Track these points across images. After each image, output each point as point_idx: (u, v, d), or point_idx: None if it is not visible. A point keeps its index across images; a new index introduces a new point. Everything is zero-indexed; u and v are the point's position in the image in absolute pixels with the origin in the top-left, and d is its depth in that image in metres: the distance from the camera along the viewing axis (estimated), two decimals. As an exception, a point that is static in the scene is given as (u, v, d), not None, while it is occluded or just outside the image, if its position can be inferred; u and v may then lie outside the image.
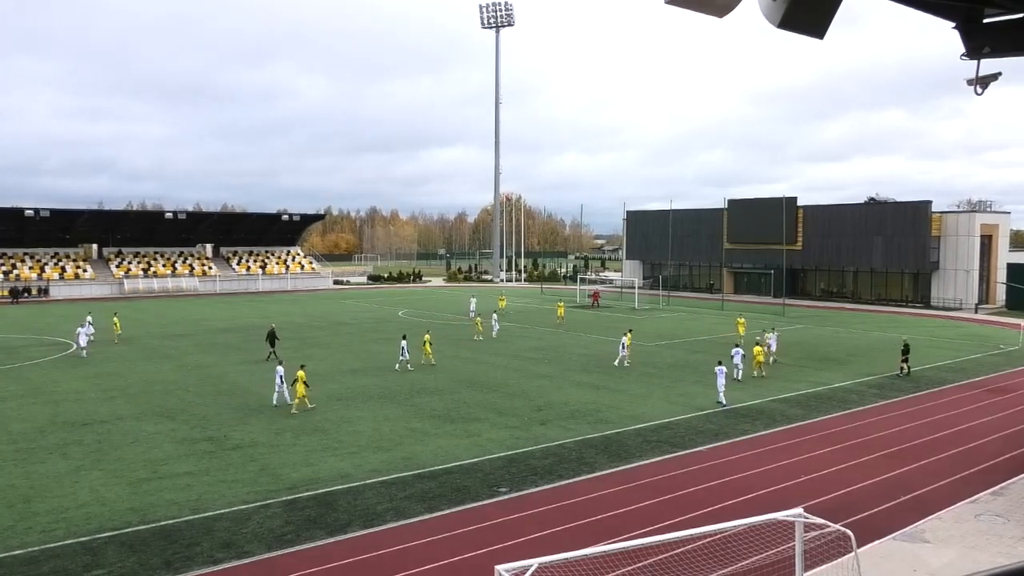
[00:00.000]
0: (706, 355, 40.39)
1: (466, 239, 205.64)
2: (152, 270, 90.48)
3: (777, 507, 15.15)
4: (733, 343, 37.95)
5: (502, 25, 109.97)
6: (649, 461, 21.44)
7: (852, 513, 17.03)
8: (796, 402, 29.19)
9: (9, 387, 31.64)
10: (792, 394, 30.60)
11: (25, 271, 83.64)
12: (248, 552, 15.25)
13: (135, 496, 18.44)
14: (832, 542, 13.32)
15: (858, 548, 12.65)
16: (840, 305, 72.43)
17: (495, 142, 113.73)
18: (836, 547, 13.34)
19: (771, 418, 26.56)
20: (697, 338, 47.64)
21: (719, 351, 41.71)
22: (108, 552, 15.24)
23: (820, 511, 14.52)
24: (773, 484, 19.47)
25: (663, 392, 30.80)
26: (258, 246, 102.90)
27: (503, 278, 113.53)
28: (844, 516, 16.06)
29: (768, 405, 28.59)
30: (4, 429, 24.73)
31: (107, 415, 26.67)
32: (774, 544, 13.63)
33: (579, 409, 27.59)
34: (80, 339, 40.78)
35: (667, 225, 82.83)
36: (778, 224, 75.58)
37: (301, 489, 18.92)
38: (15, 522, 16.78)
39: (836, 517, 14.67)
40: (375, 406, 28.02)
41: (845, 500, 18.23)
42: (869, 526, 16.31)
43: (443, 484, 19.35)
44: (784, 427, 25.39)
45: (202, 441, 23.34)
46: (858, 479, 19.89)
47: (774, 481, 19.71)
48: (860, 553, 13.01)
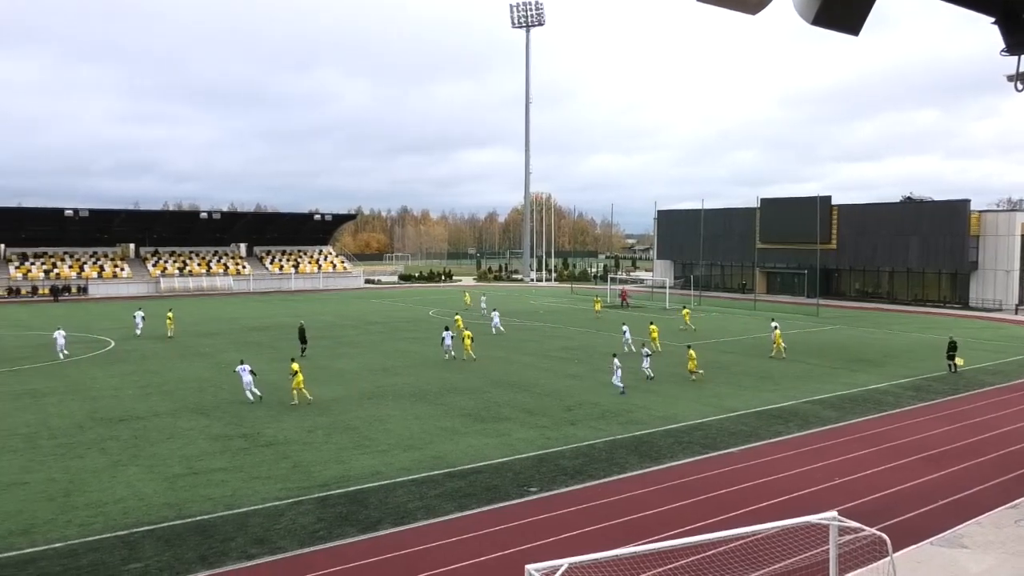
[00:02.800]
0: (738, 355, 40.05)
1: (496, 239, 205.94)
2: (187, 269, 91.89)
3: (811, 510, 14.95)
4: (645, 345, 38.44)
5: (532, 25, 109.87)
6: (680, 462, 21.30)
7: (888, 517, 16.75)
8: (830, 404, 28.81)
9: (49, 383, 32.32)
10: (826, 396, 30.21)
11: (65, 270, 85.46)
12: (281, 548, 15.42)
13: (171, 491, 18.75)
14: (867, 546, 13.11)
15: (894, 553, 12.45)
16: (875, 306, 71.34)
17: (525, 142, 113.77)
18: (871, 552, 13.13)
19: (804, 420, 26.25)
20: (729, 338, 47.22)
21: (752, 351, 41.36)
22: (145, 546, 15.51)
23: (855, 514, 14.31)
24: (807, 487, 19.24)
25: (694, 393, 30.58)
26: (291, 245, 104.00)
27: (533, 278, 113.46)
28: (880, 520, 15.79)
29: (801, 407, 28.26)
30: (44, 424, 25.28)
31: (144, 411, 27.14)
32: (807, 547, 13.46)
33: (610, 409, 27.49)
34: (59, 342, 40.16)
35: (698, 224, 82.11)
36: (812, 223, 74.61)
37: (333, 486, 19.09)
38: (55, 515, 17.15)
39: (871, 521, 14.43)
40: (405, 405, 28.18)
41: (881, 503, 17.95)
42: (905, 530, 16.03)
43: (473, 483, 19.39)
44: (818, 429, 25.07)
45: (236, 438, 23.66)
46: (894, 482, 19.57)
47: (808, 483, 19.47)
48: (896, 558, 12.80)
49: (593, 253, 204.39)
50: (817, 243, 73.00)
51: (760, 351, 41.79)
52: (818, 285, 72.50)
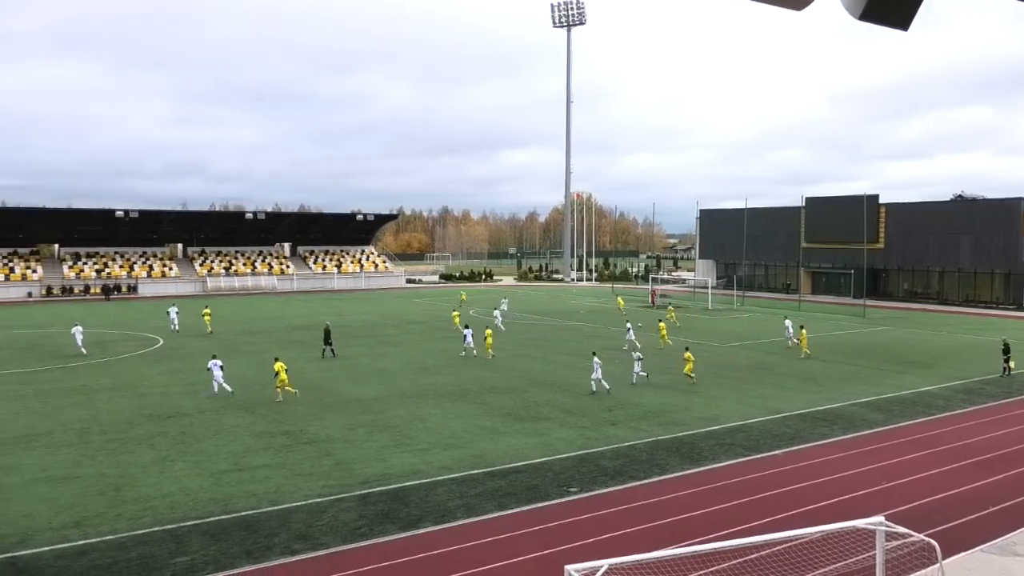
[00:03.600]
0: (781, 356, 39.48)
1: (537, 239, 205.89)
2: (233, 268, 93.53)
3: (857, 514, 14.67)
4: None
5: (573, 24, 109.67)
6: (722, 464, 21.07)
7: (937, 523, 16.37)
8: (877, 406, 28.24)
9: (100, 380, 33.17)
10: (873, 398, 29.62)
11: (116, 269, 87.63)
12: (323, 544, 15.61)
13: (217, 487, 19.10)
14: (915, 552, 12.83)
15: (943, 560, 12.16)
16: (924, 306, 69.74)
17: (566, 141, 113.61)
18: (919, 558, 12.85)
19: (850, 422, 25.77)
20: (773, 339, 46.55)
21: (796, 352, 40.69)
22: (192, 540, 15.82)
23: (903, 520, 14.01)
24: (853, 490, 18.88)
25: (737, 394, 30.22)
26: (334, 245, 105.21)
27: (573, 277, 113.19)
28: (929, 526, 15.44)
29: (847, 409, 27.75)
30: (95, 420, 25.95)
31: (190, 408, 27.69)
32: (853, 553, 13.23)
33: (650, 410, 27.31)
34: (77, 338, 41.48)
35: (742, 224, 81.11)
36: (859, 222, 73.24)
37: (374, 484, 19.27)
38: (106, 509, 17.59)
39: (920, 526, 14.12)
40: (446, 404, 28.32)
41: (930, 509, 17.55)
42: (955, 537, 15.64)
43: (513, 482, 19.42)
44: (864, 432, 24.60)
45: (279, 435, 24.01)
46: (944, 487, 19.11)
47: (853, 487, 19.11)
48: (945, 565, 12.50)
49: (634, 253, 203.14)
50: (864, 242, 71.66)
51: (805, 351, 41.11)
52: (865, 285, 71.10)
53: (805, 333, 40.52)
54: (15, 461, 21.25)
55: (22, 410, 27.45)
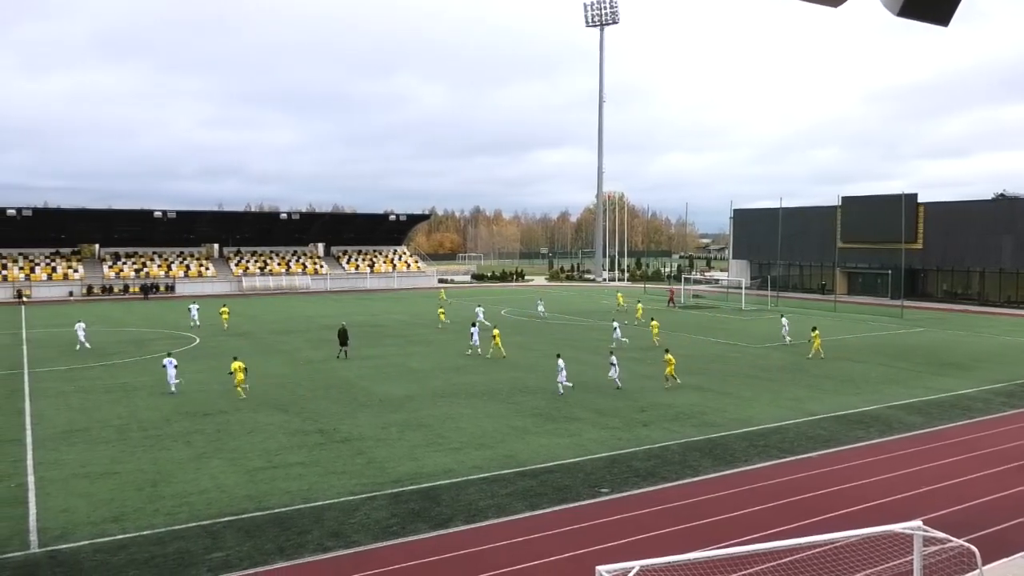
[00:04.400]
0: (818, 358, 38.91)
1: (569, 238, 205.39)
2: (268, 268, 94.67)
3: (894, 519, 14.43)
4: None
5: (606, 23, 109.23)
6: (756, 466, 20.84)
7: (977, 528, 16.02)
8: (915, 409, 27.74)
9: (139, 378, 33.76)
10: (911, 400, 29.09)
11: (154, 269, 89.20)
12: (356, 542, 15.73)
13: (251, 484, 19.34)
14: (954, 558, 12.59)
15: (983, 566, 11.91)
16: (964, 307, 68.33)
17: (598, 141, 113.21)
18: (959, 564, 12.60)
19: (887, 425, 25.34)
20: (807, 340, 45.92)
21: (831, 353, 40.16)
22: (227, 536, 16.03)
23: (941, 525, 13.75)
24: (889, 494, 18.57)
25: (771, 396, 29.88)
26: (366, 245, 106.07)
27: (605, 277, 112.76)
28: (968, 531, 15.13)
29: (884, 411, 27.30)
30: (134, 417, 26.42)
31: (226, 406, 28.07)
32: (890, 558, 13.01)
33: (683, 411, 27.11)
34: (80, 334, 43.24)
35: (776, 223, 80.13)
36: (896, 222, 72.02)
37: (406, 483, 19.36)
38: (144, 504, 17.90)
39: (959, 532, 13.84)
40: (477, 403, 28.38)
41: (969, 514, 17.19)
42: (996, 542, 15.30)
43: (544, 483, 19.40)
44: (902, 435, 24.17)
45: (313, 433, 24.24)
46: (984, 492, 18.71)
47: (891, 491, 18.79)
48: (985, 571, 12.24)
49: (667, 253, 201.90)
50: (902, 242, 70.44)
51: (840, 353, 40.54)
52: (902, 286, 69.90)
53: (818, 334, 39.77)
54: (56, 457, 21.72)
55: (62, 407, 28.05)
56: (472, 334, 40.98)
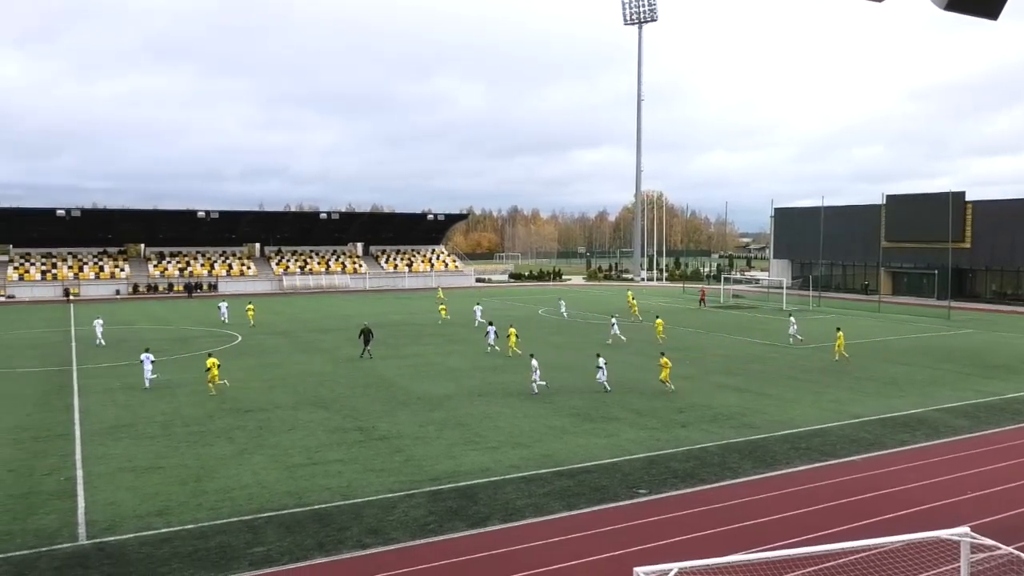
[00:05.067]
0: (860, 359, 38.27)
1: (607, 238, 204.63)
2: (308, 267, 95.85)
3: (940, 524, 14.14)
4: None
5: (645, 21, 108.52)
6: (798, 469, 20.54)
7: (1027, 535, 15.61)
8: (962, 412, 27.10)
9: (183, 375, 34.40)
10: (958, 403, 28.43)
11: (197, 268, 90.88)
12: (394, 539, 15.84)
13: (292, 480, 19.59)
14: (1003, 566, 12.27)
15: (1034, 574, 11.59)
16: (1014, 308, 66.51)
17: (637, 140, 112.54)
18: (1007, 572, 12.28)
19: (933, 428, 24.80)
20: (850, 341, 45.14)
21: (875, 355, 39.46)
22: (268, 531, 16.26)
23: (989, 531, 13.40)
24: (936, 499, 18.17)
25: (812, 397, 29.43)
26: (405, 245, 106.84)
27: (644, 277, 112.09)
28: (1017, 538, 14.74)
29: (930, 414, 26.72)
30: (178, 414, 26.94)
31: (267, 403, 28.48)
32: (935, 564, 12.73)
33: (722, 412, 26.84)
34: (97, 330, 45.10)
35: (818, 222, 78.74)
36: (943, 220, 70.36)
37: (443, 481, 19.45)
38: (188, 499, 18.24)
39: (1008, 539, 13.49)
40: (515, 402, 28.40)
41: (1019, 521, 16.74)
42: (1047, 550, 14.89)
43: (581, 483, 19.34)
44: (949, 439, 23.63)
45: (352, 431, 24.48)
46: (1034, 498, 18.21)
47: (937, 496, 18.39)
48: (1036, 579, 11.91)
49: (706, 252, 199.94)
50: (949, 241, 68.84)
51: (883, 354, 39.80)
52: (949, 286, 68.31)
53: (842, 335, 38.91)
54: (103, 451, 22.24)
55: (109, 403, 28.70)
56: (488, 333, 41.16)
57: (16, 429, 24.85)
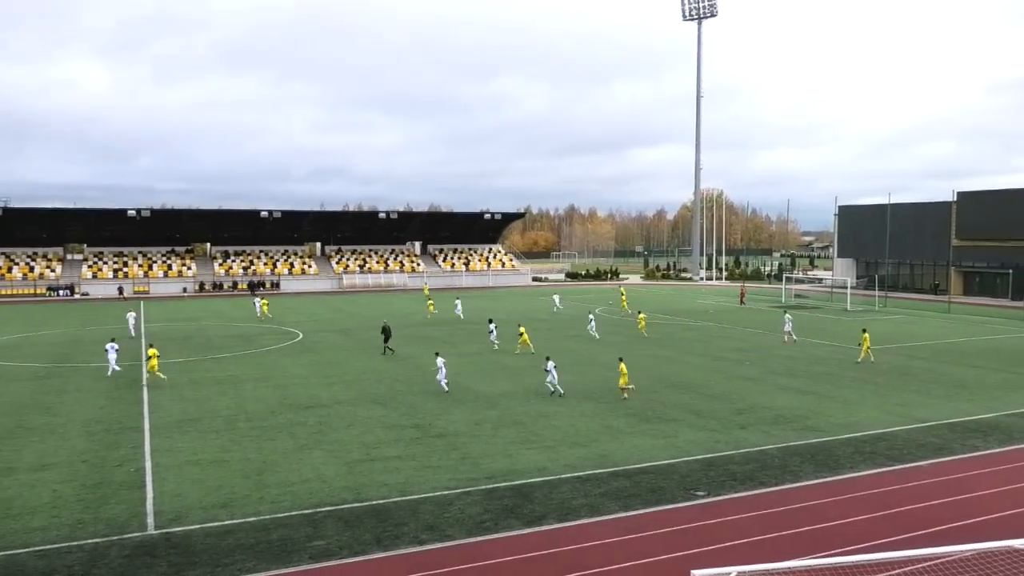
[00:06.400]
0: (928, 362, 37.12)
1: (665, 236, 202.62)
2: (367, 266, 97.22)
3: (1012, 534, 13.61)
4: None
5: (704, 16, 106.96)
6: (862, 473, 20.01)
7: (1108, 547, 14.90)
8: (1038, 418, 26.03)
9: (247, 371, 35.26)
10: (1033, 408, 27.32)
11: (260, 266, 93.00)
12: (450, 536, 15.95)
13: (350, 475, 19.90)
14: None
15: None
16: (1095, 310, 63.65)
17: (696, 137, 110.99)
18: (1086, 584, 11.76)
19: (1007, 434, 23.87)
20: (918, 343, 43.84)
21: (944, 358, 38.19)
22: (327, 525, 16.55)
23: (1066, 542, 12.84)
24: (1007, 508, 17.49)
25: (878, 400, 28.63)
26: (462, 244, 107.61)
27: (702, 276, 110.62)
28: (1097, 550, 14.09)
29: (1003, 420, 25.74)
30: (242, 409, 27.61)
31: (327, 400, 28.98)
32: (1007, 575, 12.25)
33: (783, 414, 26.31)
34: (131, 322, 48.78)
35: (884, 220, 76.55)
36: (1020, 218, 67.76)
37: (499, 479, 19.51)
38: (250, 492, 18.68)
39: (1087, 550, 12.90)
40: (571, 402, 28.31)
41: (1099, 532, 16.01)
42: None
43: (638, 483, 19.19)
44: (1022, 445, 22.72)
45: (409, 428, 24.74)
46: (1116, 509, 17.39)
47: (1009, 504, 17.70)
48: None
49: (767, 251, 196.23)
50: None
51: (952, 357, 38.48)
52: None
53: (868, 336, 37.52)
54: (170, 444, 22.95)
55: (176, 397, 29.58)
56: (491, 331, 42.40)
57: (90, 421, 25.82)
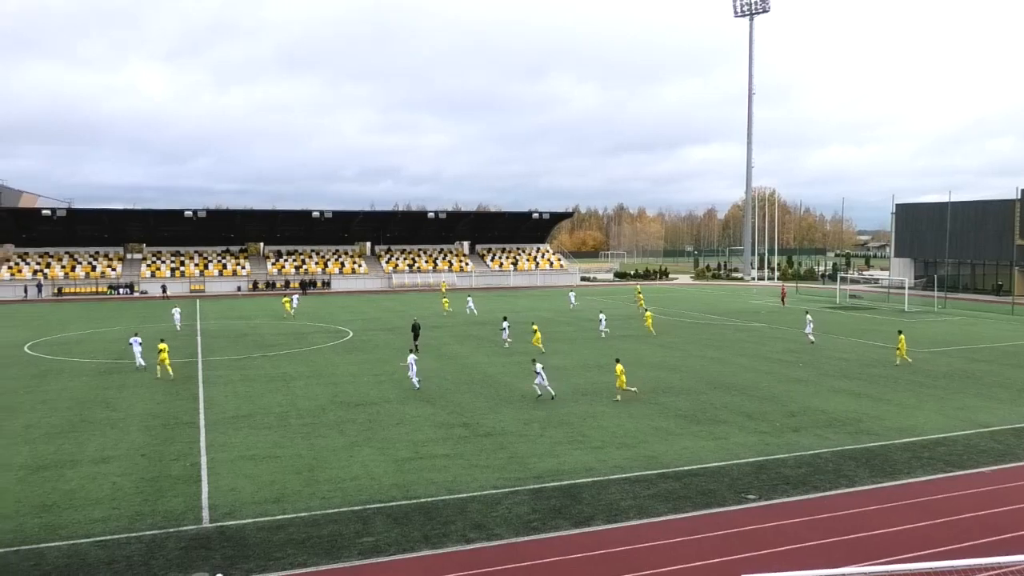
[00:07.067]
0: (991, 364, 35.97)
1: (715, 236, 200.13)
2: (416, 266, 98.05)
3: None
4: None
5: (756, 12, 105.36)
6: (919, 479, 19.48)
7: None
8: (1108, 424, 25.01)
9: (298, 368, 35.84)
10: (1103, 414, 26.27)
11: (312, 266, 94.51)
12: (497, 535, 15.97)
13: (399, 473, 20.07)
14: None
15: None
16: None
17: (747, 134, 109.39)
18: None
19: (1074, 441, 22.99)
20: (979, 345, 42.50)
21: (1008, 361, 36.96)
22: (376, 522, 16.71)
23: None
24: (1076, 517, 16.84)
25: (937, 404, 27.84)
26: (510, 243, 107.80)
27: (754, 276, 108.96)
28: None
29: (1070, 425, 24.79)
30: (293, 406, 28.07)
31: (377, 398, 29.28)
32: (1076, 586, 11.78)
33: (838, 417, 25.75)
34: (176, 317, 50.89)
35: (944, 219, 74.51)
36: (1087, 217, 65.24)
37: (547, 479, 19.47)
38: (302, 487, 18.98)
39: None
40: (618, 403, 28.11)
41: None
42: None
43: (687, 486, 18.98)
44: (1091, 452, 21.87)
45: (457, 427, 24.85)
46: None
47: (1077, 514, 17.04)
48: None
49: (821, 251, 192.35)
50: (1093, 239, 63.79)
51: (1017, 360, 37.19)
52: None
53: (903, 338, 36.24)
54: (224, 440, 23.44)
55: (230, 394, 30.20)
56: (504, 329, 43.18)
57: (148, 416, 26.53)
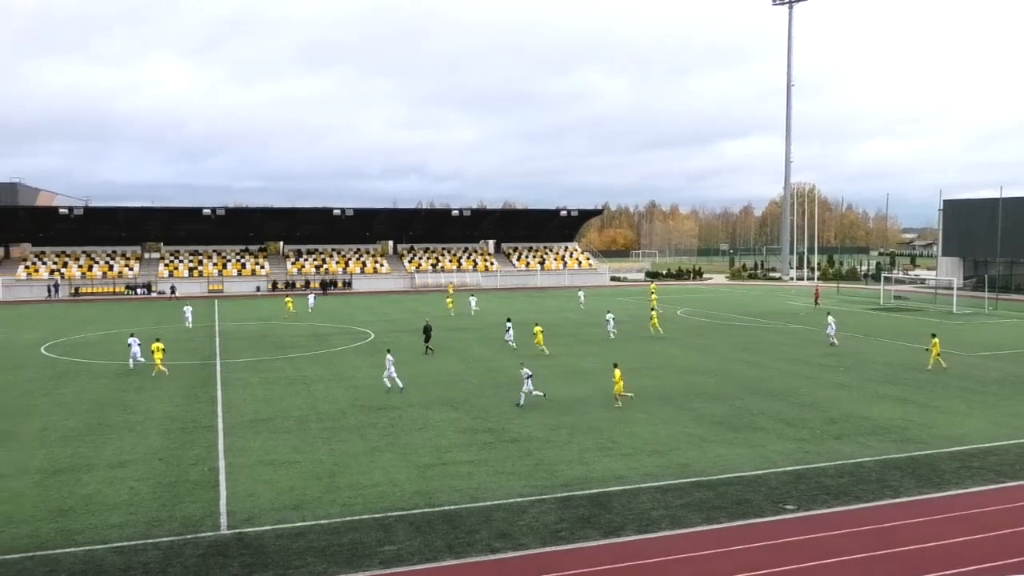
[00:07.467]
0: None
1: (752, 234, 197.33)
2: (439, 265, 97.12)
3: None
4: None
5: (795, 0, 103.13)
6: (968, 490, 18.48)
7: None
8: None
9: (318, 371, 35.38)
10: None
11: (332, 265, 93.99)
12: (524, 545, 15.34)
13: (422, 480, 19.45)
14: None
15: None
16: None
17: (786, 129, 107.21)
18: None
19: None
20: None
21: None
22: (398, 530, 16.13)
23: None
24: None
25: (987, 411, 26.61)
26: (536, 242, 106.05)
27: (792, 276, 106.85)
28: None
29: None
30: (313, 409, 27.57)
31: (399, 402, 28.68)
32: None
33: (881, 424, 24.68)
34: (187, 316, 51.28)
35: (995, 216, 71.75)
36: None
37: (575, 487, 18.76)
38: (322, 494, 18.45)
39: None
40: (651, 408, 27.26)
41: None
42: None
43: (722, 495, 18.13)
44: None
45: (482, 432, 24.17)
46: None
47: None
48: None
49: (864, 249, 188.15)
50: None
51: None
52: None
53: (937, 342, 34.64)
54: (243, 444, 22.99)
55: (249, 397, 29.78)
56: (508, 329, 42.57)
57: (166, 419, 26.19)
